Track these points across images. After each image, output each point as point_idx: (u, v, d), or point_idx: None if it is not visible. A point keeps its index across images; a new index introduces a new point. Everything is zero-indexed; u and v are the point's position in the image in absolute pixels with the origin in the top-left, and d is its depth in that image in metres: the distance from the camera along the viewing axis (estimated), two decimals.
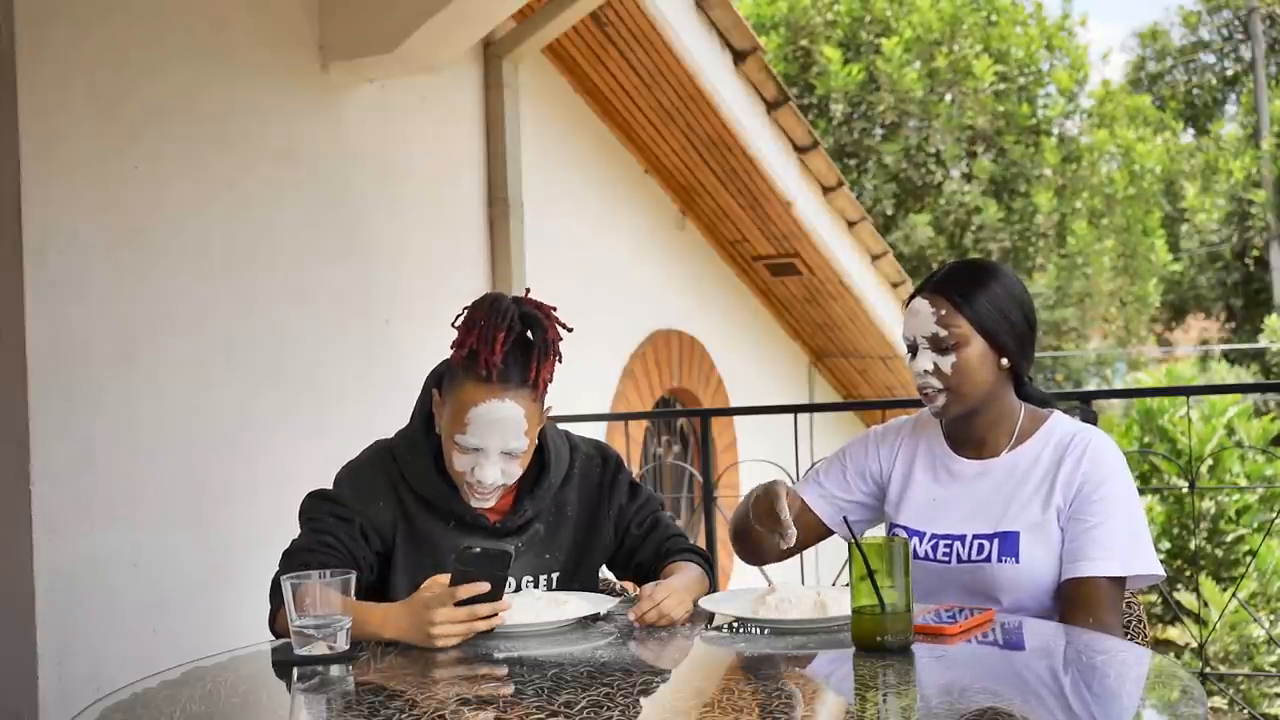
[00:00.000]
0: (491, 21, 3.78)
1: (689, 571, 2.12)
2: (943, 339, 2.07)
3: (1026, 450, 2.11)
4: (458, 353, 2.01)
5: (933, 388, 2.09)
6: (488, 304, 2.03)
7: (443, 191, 4.21)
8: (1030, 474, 2.08)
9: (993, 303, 2.08)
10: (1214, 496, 6.64)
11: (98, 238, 2.90)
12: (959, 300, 2.07)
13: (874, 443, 2.29)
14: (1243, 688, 5.82)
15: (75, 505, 2.81)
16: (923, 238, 12.71)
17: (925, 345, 2.09)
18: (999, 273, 2.12)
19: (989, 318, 2.07)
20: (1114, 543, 1.98)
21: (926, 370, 2.08)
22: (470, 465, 2.02)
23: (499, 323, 1.98)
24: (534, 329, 2.03)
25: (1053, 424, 2.14)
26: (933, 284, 2.12)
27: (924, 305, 2.10)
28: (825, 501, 2.27)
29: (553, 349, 2.03)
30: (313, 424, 3.45)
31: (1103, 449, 2.07)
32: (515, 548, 2.12)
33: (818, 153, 5.91)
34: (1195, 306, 18.57)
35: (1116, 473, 2.05)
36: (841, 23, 13.21)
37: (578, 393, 4.83)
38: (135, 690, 1.67)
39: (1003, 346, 2.08)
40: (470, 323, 2.02)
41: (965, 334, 2.06)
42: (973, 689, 1.57)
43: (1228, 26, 21.53)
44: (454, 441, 2.02)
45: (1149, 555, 2.01)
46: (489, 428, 1.99)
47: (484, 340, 1.97)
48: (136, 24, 3.02)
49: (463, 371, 2.00)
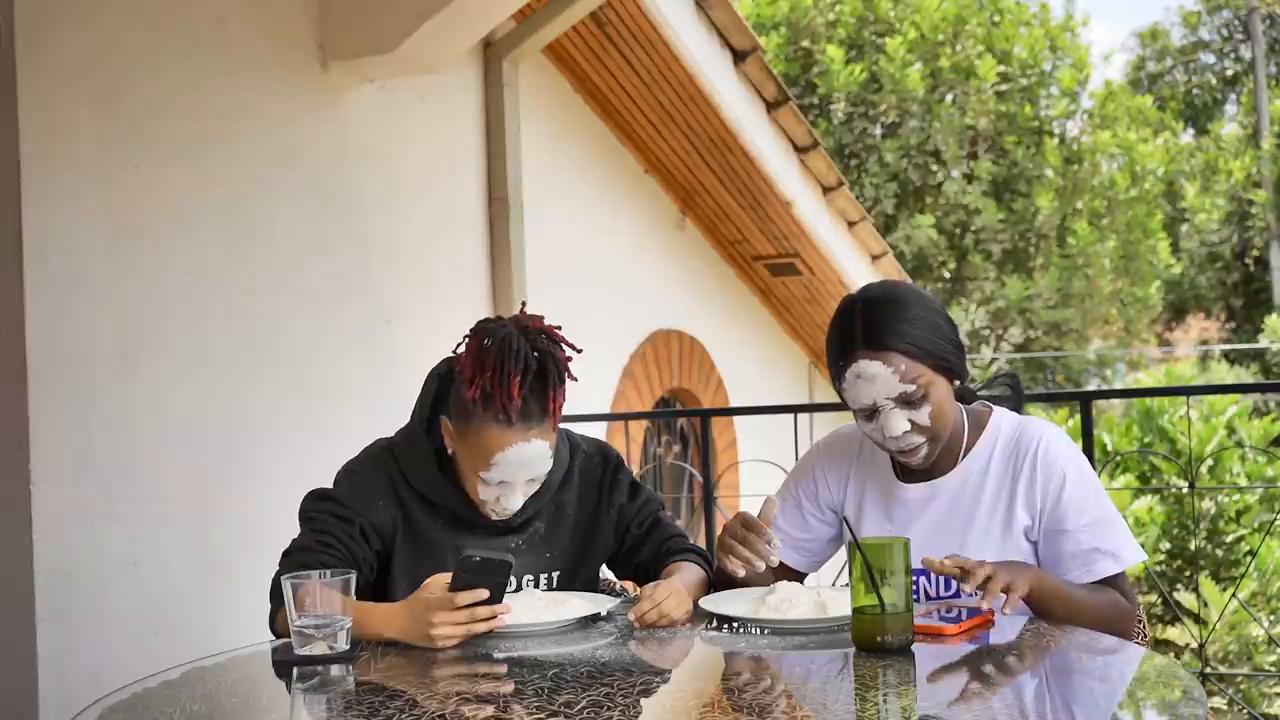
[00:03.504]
0: (491, 21, 3.78)
1: (689, 572, 2.11)
2: (911, 394, 1.94)
3: (973, 461, 2.04)
4: (469, 390, 1.95)
5: (915, 445, 1.98)
6: (498, 342, 1.96)
7: (443, 191, 4.21)
8: (982, 489, 2.02)
9: (931, 331, 1.96)
10: (1214, 497, 6.64)
11: (98, 237, 2.90)
12: (907, 348, 1.93)
13: (821, 470, 2.20)
14: (1242, 688, 5.82)
15: (75, 505, 2.80)
16: (923, 238, 12.71)
17: (892, 406, 1.95)
18: (909, 295, 2.00)
19: (937, 349, 1.95)
20: (1105, 544, 1.96)
21: (905, 431, 1.95)
22: (495, 495, 2.02)
23: (514, 365, 1.94)
24: (549, 362, 1.99)
25: (996, 425, 2.06)
26: (868, 339, 1.95)
27: (877, 367, 1.93)
28: (790, 549, 2.19)
29: (566, 375, 2.02)
30: (312, 424, 3.45)
31: (1050, 447, 2.00)
32: (515, 545, 2.12)
33: (818, 153, 5.91)
34: (1195, 307, 18.57)
35: (1071, 467, 1.99)
36: (845, 23, 13.21)
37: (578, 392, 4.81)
38: (135, 690, 1.67)
39: (953, 370, 1.98)
40: (479, 361, 1.96)
41: (929, 379, 1.94)
42: (973, 689, 1.57)
43: (1228, 26, 21.53)
44: (478, 477, 2.00)
45: (1126, 544, 1.98)
46: (518, 468, 1.99)
47: (498, 383, 1.93)
48: (136, 23, 3.02)
49: (480, 410, 1.96)
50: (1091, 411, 3.39)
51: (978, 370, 13.42)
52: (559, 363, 2.01)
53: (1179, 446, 6.84)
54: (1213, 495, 6.63)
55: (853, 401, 1.99)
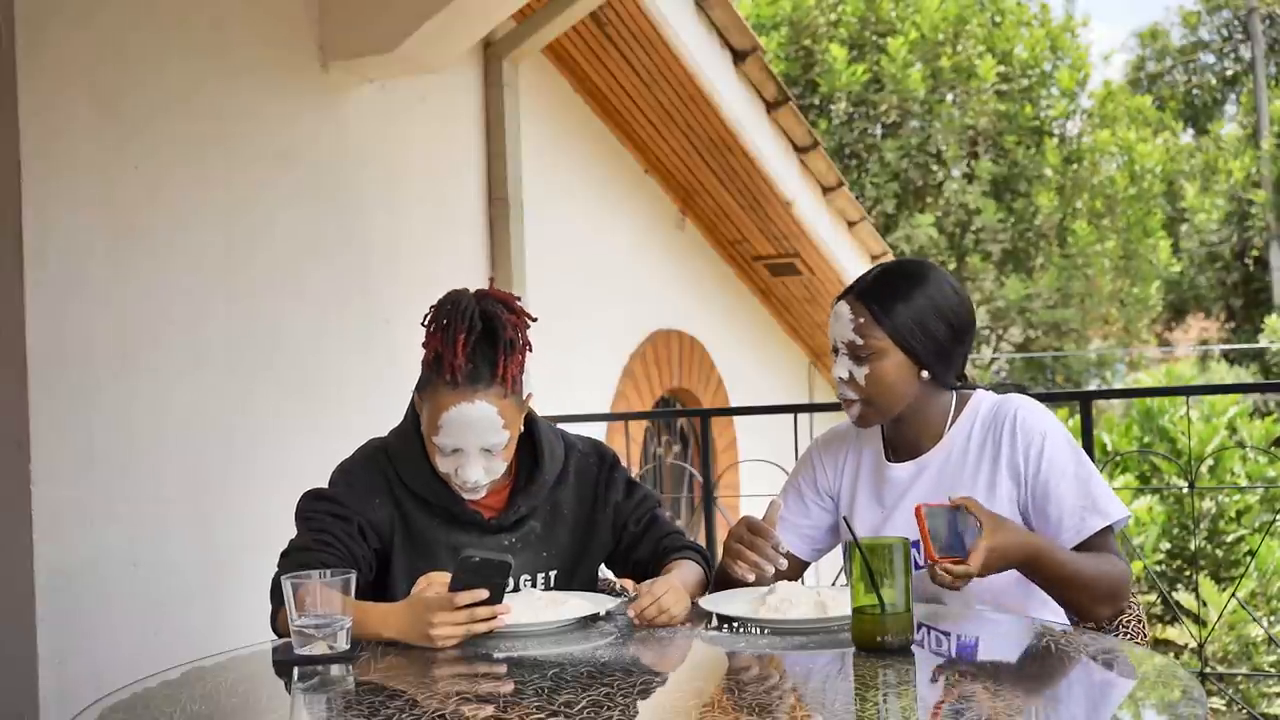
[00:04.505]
0: (491, 21, 3.78)
1: (688, 569, 2.11)
2: (859, 348, 2.04)
3: (954, 435, 2.09)
4: (425, 356, 2.01)
5: (848, 397, 2.08)
6: (448, 304, 2.03)
7: (443, 191, 4.21)
8: (964, 462, 2.06)
9: (914, 314, 2.03)
10: (1214, 497, 6.64)
11: (98, 237, 2.90)
12: (878, 311, 2.03)
13: (818, 457, 2.26)
14: (1242, 688, 5.82)
15: (75, 505, 2.81)
16: (923, 237, 12.71)
17: (844, 351, 2.06)
18: (927, 281, 2.06)
19: (906, 330, 2.03)
20: (1090, 500, 1.98)
21: (842, 378, 2.06)
22: (454, 466, 2.03)
23: (460, 324, 1.98)
24: (497, 324, 2.01)
25: (976, 403, 2.11)
26: (858, 289, 2.07)
27: (845, 310, 2.06)
28: (794, 535, 2.22)
29: (519, 342, 2.03)
30: (312, 423, 3.45)
31: (1026, 415, 2.04)
32: (510, 543, 2.12)
33: (818, 153, 5.91)
34: (1195, 306, 18.57)
35: (1049, 430, 2.03)
36: (846, 23, 13.22)
37: (578, 392, 4.85)
38: (135, 690, 1.68)
39: (920, 359, 2.04)
40: (433, 324, 2.02)
41: (882, 346, 2.03)
42: (973, 689, 1.57)
43: (1227, 27, 21.53)
44: (434, 444, 2.03)
45: (1110, 500, 2.00)
46: (463, 429, 1.99)
47: (446, 343, 1.98)
48: (136, 23, 3.02)
49: (434, 375, 2.00)
50: (1091, 411, 3.39)
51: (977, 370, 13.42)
52: (509, 326, 2.02)
53: (1179, 446, 6.84)
54: (1213, 495, 6.63)
55: (830, 338, 2.12)
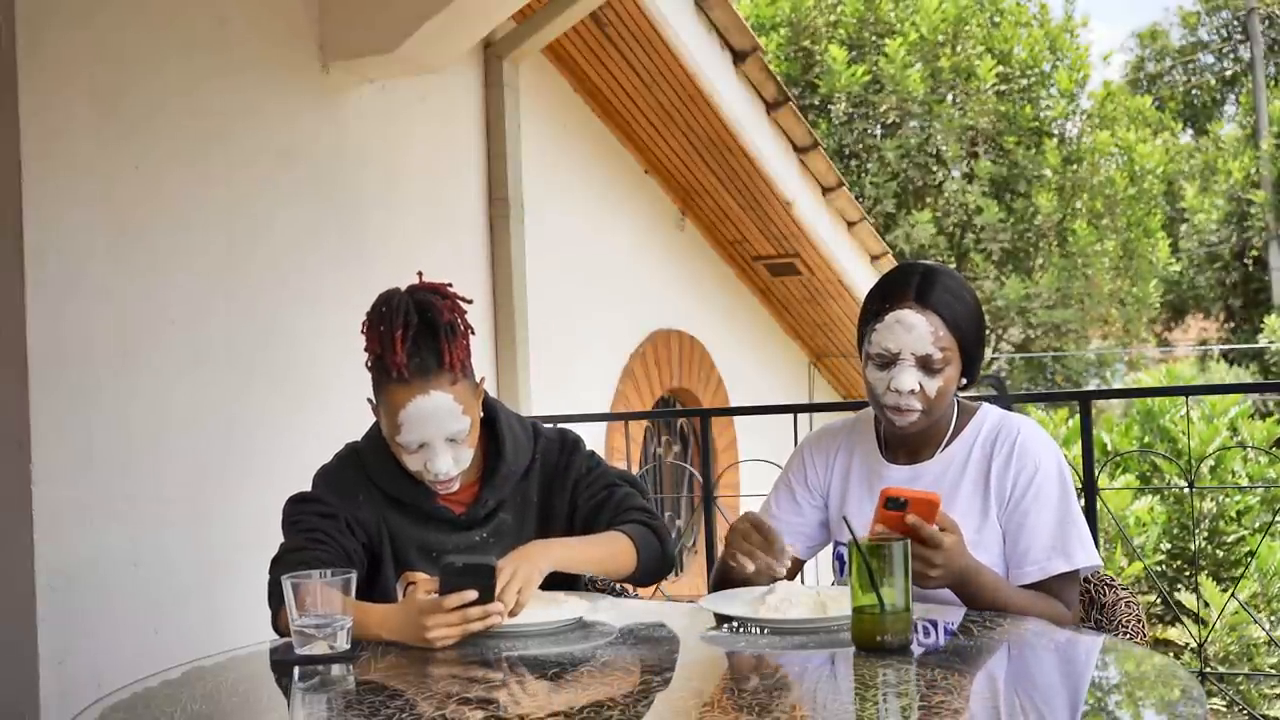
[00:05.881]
0: (491, 22, 3.78)
1: (604, 539, 2.06)
2: (934, 361, 1.96)
3: (956, 449, 2.06)
4: (368, 360, 2.02)
5: (910, 407, 1.98)
6: (381, 304, 2.03)
7: (443, 191, 4.21)
8: (962, 477, 2.04)
9: (970, 317, 1.99)
10: (1214, 497, 6.64)
11: (97, 237, 2.90)
12: (950, 319, 1.97)
13: (809, 454, 2.22)
14: (1242, 688, 5.82)
15: (75, 505, 2.81)
16: (923, 237, 12.71)
17: (912, 363, 1.96)
18: (966, 285, 2.03)
19: (968, 334, 1.99)
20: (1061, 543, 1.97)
21: (911, 390, 1.96)
22: (422, 462, 2.03)
23: (396, 320, 1.99)
24: (433, 313, 2.01)
25: (981, 418, 2.08)
26: (921, 294, 1.97)
27: (919, 321, 1.95)
28: (787, 532, 2.16)
29: (458, 326, 2.03)
30: (312, 423, 3.45)
31: (1027, 440, 2.01)
32: (483, 538, 2.12)
33: (817, 153, 5.91)
34: (1195, 306, 18.58)
35: (1045, 461, 2.00)
36: (845, 23, 13.22)
37: (578, 392, 4.85)
38: (135, 690, 1.67)
39: (969, 361, 2.01)
40: (369, 327, 2.02)
41: (952, 356, 1.98)
42: (973, 689, 1.57)
43: (1227, 27, 21.54)
44: (398, 444, 2.02)
45: (1080, 546, 1.98)
46: (423, 422, 1.99)
47: (385, 342, 1.98)
48: (136, 23, 3.02)
49: (382, 376, 2.01)
50: (1091, 411, 3.38)
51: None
52: (445, 312, 2.02)
53: (1179, 446, 6.84)
54: (1213, 495, 6.62)
55: (878, 344, 1.98)
